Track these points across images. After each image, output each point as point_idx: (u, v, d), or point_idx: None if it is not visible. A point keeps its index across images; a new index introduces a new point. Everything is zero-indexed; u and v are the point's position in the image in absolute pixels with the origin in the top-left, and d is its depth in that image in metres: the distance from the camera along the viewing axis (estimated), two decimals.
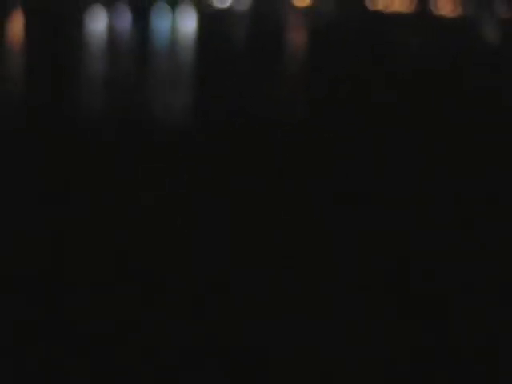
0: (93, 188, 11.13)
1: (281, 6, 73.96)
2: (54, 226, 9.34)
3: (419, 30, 70.91)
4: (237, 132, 16.08)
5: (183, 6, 63.96)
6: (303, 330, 7.07)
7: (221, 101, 20.03)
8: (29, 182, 11.27)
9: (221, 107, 19.16)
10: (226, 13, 70.15)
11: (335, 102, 22.60)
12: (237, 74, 26.80)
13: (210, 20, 61.14)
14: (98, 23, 40.06)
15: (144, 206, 10.57)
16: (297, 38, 59.29)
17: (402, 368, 6.46)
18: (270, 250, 9.17)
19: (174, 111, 18.50)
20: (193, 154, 14.08)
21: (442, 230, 10.56)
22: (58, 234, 9.05)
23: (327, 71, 31.55)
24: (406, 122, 19.91)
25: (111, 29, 39.43)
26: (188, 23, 54.74)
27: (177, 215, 10.32)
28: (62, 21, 40.28)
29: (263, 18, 69.83)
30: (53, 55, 26.15)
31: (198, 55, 33.48)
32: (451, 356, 6.76)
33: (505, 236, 10.46)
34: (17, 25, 38.51)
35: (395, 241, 9.84)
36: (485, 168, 15.16)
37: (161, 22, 48.58)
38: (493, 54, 62.58)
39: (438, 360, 6.66)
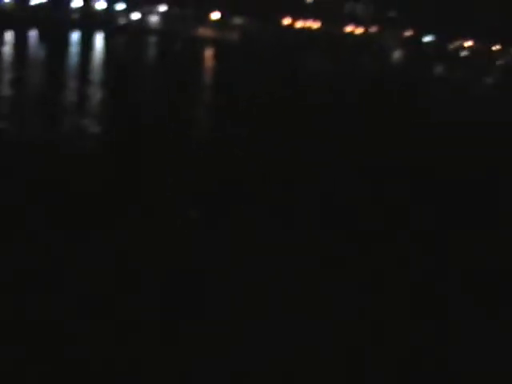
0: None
1: (193, 20, 74.11)
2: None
3: (327, 46, 72.62)
4: (146, 146, 15.84)
5: (97, 27, 62.93)
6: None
7: (128, 118, 19.73)
8: None
9: (128, 122, 18.89)
10: (138, 30, 69.70)
11: (245, 117, 22.76)
12: (144, 91, 26.61)
13: (121, 39, 60.67)
14: (9, 47, 39.03)
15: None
16: (207, 52, 59.69)
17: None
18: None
19: (81, 125, 18.16)
20: (103, 166, 13.88)
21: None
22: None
23: (237, 86, 31.83)
24: (321, 136, 20.27)
25: (23, 53, 38.51)
26: (101, 43, 54.16)
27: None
28: None
29: (176, 33, 69.83)
30: None
31: (107, 71, 33.08)
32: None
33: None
34: None
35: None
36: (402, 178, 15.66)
37: (74, 44, 47.72)
38: (396, 69, 64.79)
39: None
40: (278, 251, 9.80)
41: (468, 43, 78.96)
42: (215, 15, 75.53)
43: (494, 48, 78.31)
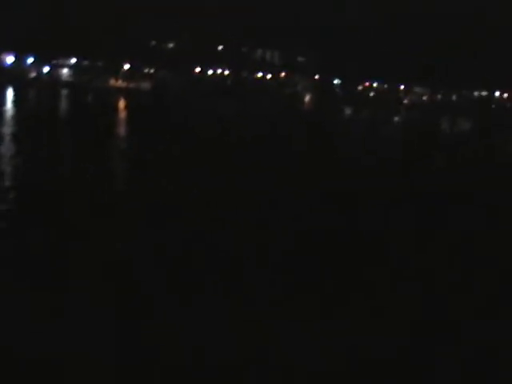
0: None
1: (104, 72, 74.31)
2: None
3: (237, 92, 73.98)
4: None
5: (6, 81, 62.26)
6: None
7: (39, 171, 19.78)
8: None
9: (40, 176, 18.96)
10: (49, 83, 69.34)
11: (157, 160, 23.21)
12: (54, 144, 26.60)
13: (32, 92, 60.24)
14: None
15: None
16: (119, 102, 59.85)
17: None
18: None
19: None
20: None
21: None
22: None
23: (150, 133, 32.15)
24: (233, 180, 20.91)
25: None
26: (10, 97, 53.64)
27: None
28: None
29: (87, 85, 69.80)
30: None
31: (16, 126, 32.82)
32: None
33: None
34: None
35: None
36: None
37: None
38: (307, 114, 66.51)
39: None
40: None
41: (374, 84, 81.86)
42: (127, 66, 76.03)
43: (399, 88, 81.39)
